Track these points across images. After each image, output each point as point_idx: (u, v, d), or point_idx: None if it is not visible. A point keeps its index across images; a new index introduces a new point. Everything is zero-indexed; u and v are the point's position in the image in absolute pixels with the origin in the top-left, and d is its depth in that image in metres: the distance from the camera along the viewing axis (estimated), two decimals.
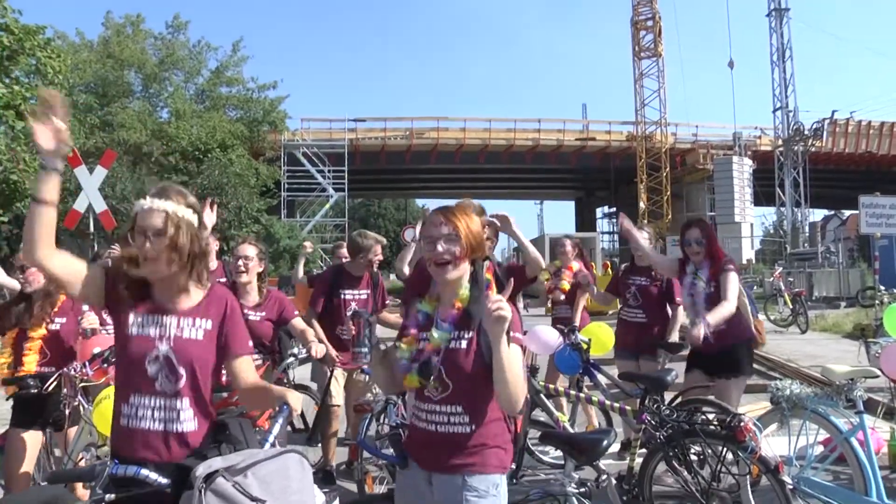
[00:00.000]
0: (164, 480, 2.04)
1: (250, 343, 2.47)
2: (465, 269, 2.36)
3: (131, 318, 2.26)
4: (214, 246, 5.22)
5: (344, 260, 6.38)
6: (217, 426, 2.24)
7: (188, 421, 2.23)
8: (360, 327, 2.41)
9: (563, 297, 6.47)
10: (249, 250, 4.43)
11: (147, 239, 2.23)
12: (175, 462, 2.19)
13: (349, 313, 5.21)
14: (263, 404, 2.46)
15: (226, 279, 4.80)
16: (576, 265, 6.45)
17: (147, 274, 2.27)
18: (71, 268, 2.22)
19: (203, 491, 1.85)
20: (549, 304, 6.90)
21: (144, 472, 2.04)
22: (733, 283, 4.57)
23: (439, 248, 2.31)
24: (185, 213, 2.30)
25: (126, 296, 2.28)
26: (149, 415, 2.21)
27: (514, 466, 4.33)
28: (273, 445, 2.27)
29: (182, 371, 2.23)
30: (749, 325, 4.76)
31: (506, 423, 2.40)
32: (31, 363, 3.96)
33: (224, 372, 3.45)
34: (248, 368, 2.41)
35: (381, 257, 5.33)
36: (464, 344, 2.30)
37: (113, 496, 2.02)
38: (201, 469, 1.88)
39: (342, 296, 5.24)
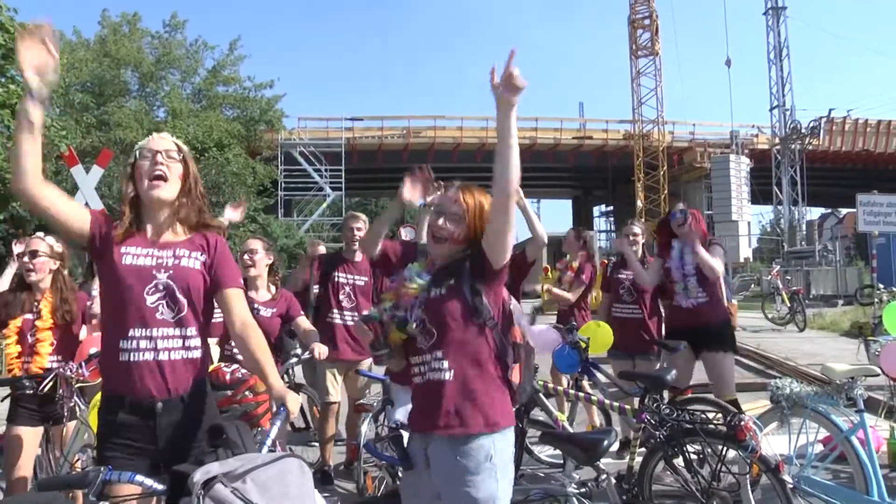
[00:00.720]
0: (159, 486, 2.01)
1: (241, 279, 2.49)
2: (458, 250, 2.39)
3: (122, 250, 2.27)
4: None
5: (318, 254, 6.33)
6: (214, 430, 2.23)
7: (195, 349, 2.29)
8: (377, 330, 2.43)
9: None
10: (255, 244, 4.43)
11: (157, 154, 2.29)
12: (180, 395, 2.25)
13: (341, 296, 5.18)
14: (257, 371, 2.41)
15: None
16: (576, 263, 6.40)
17: (159, 196, 2.29)
18: (60, 201, 2.22)
19: (201, 498, 1.81)
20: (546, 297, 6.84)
21: (139, 477, 2.01)
22: (720, 254, 4.99)
23: (440, 221, 2.37)
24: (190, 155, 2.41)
25: (117, 233, 2.29)
26: (153, 345, 2.22)
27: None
28: (273, 446, 2.26)
29: (183, 299, 2.26)
30: (725, 306, 5.06)
31: (498, 379, 2.36)
32: (44, 354, 3.92)
33: (222, 369, 3.44)
34: (240, 302, 2.42)
35: (362, 230, 5.23)
36: (444, 290, 2.33)
37: (107, 503, 1.99)
38: (199, 475, 1.84)
39: (336, 279, 5.21)
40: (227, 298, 2.38)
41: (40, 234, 4.06)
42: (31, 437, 3.87)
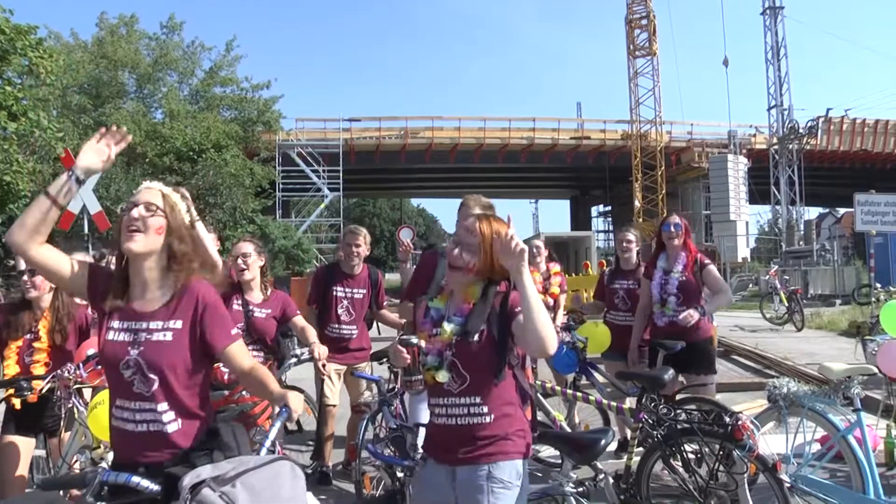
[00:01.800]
0: (155, 487, 2.03)
1: (234, 331, 2.41)
2: (475, 280, 2.44)
3: (108, 324, 2.26)
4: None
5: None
6: (208, 432, 2.22)
7: (170, 423, 2.21)
8: (415, 355, 2.43)
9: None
10: (247, 247, 4.41)
11: (135, 208, 2.24)
12: (165, 462, 2.17)
13: (340, 310, 5.19)
14: (263, 393, 2.41)
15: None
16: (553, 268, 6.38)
17: (130, 249, 2.23)
18: (53, 260, 2.21)
19: (188, 502, 1.83)
20: None
21: (136, 479, 2.02)
22: (718, 275, 5.04)
23: (456, 252, 2.43)
24: (181, 203, 2.34)
25: (107, 296, 2.27)
26: (132, 417, 2.20)
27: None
28: (273, 446, 2.26)
29: (152, 376, 2.19)
30: (708, 325, 5.01)
31: (522, 411, 2.47)
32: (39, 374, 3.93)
33: (220, 369, 3.45)
34: (239, 354, 2.37)
35: (361, 246, 5.24)
36: (476, 338, 2.37)
37: None
38: (188, 479, 1.86)
39: (334, 293, 5.22)
40: (225, 358, 2.35)
41: None
42: (24, 447, 3.87)
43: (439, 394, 2.42)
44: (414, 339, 2.45)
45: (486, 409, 2.36)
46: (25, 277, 3.92)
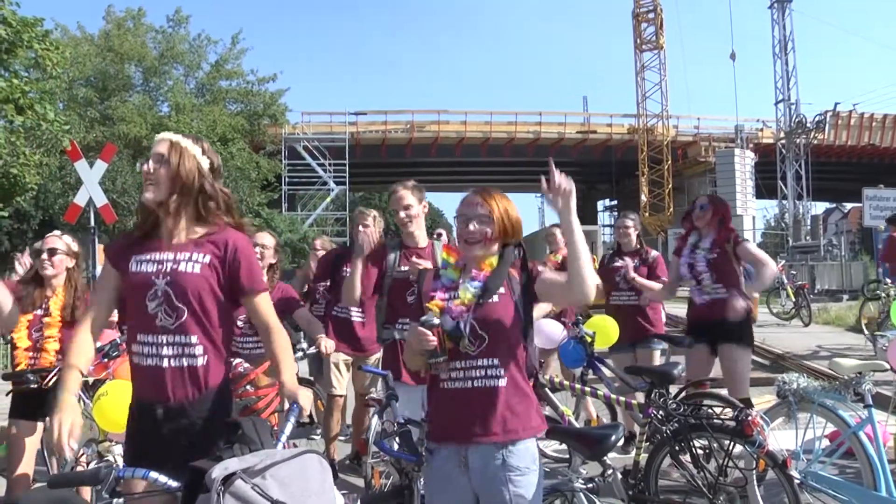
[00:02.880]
0: (173, 483, 1.98)
1: (264, 279, 2.46)
2: (493, 250, 2.48)
3: (134, 257, 2.29)
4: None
5: (319, 253, 6.26)
6: (230, 426, 2.21)
7: (199, 356, 2.24)
8: (439, 336, 2.37)
9: None
10: (267, 239, 4.35)
11: (148, 162, 2.30)
12: (181, 402, 2.21)
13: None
14: (275, 368, 2.44)
15: None
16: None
17: (149, 200, 2.30)
18: (102, 323, 2.38)
19: (221, 494, 1.77)
20: None
21: (153, 474, 1.98)
22: (755, 247, 4.90)
23: (471, 227, 2.44)
24: (193, 148, 2.34)
25: (130, 241, 2.35)
26: (155, 352, 2.22)
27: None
28: (285, 445, 2.23)
29: (181, 306, 2.22)
30: (747, 298, 4.91)
31: (529, 386, 2.49)
32: (51, 351, 3.97)
33: (233, 360, 3.44)
34: (266, 308, 2.41)
35: (370, 226, 5.16)
36: (496, 298, 2.41)
37: (121, 500, 1.97)
38: (217, 471, 1.80)
39: (344, 274, 5.19)
40: (249, 304, 2.38)
41: (57, 232, 4.08)
42: (33, 432, 3.89)
43: (457, 357, 2.40)
44: (435, 320, 2.38)
45: (501, 372, 2.37)
46: (45, 256, 3.93)
